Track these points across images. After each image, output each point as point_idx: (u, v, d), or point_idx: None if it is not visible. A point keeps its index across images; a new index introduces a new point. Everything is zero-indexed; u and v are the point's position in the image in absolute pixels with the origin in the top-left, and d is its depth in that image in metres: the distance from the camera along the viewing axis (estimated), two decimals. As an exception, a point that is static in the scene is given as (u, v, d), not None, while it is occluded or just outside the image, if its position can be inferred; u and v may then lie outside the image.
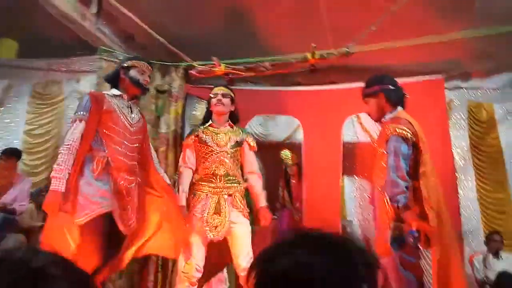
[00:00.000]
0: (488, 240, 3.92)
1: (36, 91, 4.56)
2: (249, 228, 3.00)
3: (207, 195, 2.94)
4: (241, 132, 3.18)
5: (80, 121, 2.54)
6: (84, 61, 4.43)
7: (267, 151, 5.56)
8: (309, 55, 3.76)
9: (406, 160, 2.35)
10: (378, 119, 2.65)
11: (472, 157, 4.44)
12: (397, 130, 2.38)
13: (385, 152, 2.40)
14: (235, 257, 2.90)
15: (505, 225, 4.24)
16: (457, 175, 4.16)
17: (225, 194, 2.94)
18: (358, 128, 4.65)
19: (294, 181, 4.93)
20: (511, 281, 3.56)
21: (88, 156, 2.56)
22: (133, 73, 2.73)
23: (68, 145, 2.47)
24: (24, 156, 4.32)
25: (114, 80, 2.78)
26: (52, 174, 2.43)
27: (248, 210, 3.05)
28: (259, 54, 3.98)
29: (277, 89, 4.59)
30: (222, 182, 2.95)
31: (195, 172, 3.06)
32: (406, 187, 2.32)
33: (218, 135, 3.06)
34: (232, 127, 3.16)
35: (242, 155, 3.15)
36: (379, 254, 2.36)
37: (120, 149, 2.62)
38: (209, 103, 3.18)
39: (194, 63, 4.06)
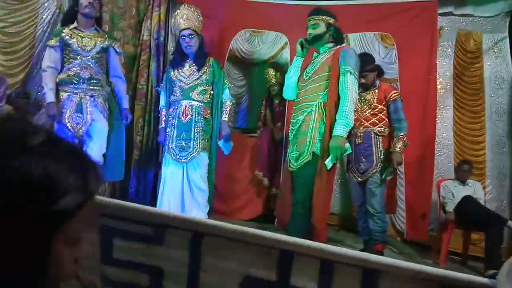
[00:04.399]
0: (458, 168, 4.07)
1: (7, -16, 4.22)
2: (107, 126, 3.33)
3: (69, 95, 3.16)
4: (107, 38, 3.32)
5: None
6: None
7: (252, 69, 5.47)
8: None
9: None
10: (372, 84, 3.56)
11: (453, 86, 4.46)
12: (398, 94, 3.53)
13: (383, 106, 3.48)
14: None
15: (476, 155, 4.40)
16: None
17: (87, 95, 3.19)
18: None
19: (277, 100, 4.91)
20: (472, 204, 3.79)
21: None
22: None
23: None
24: (-1, 56, 4.14)
25: None
26: None
27: (108, 112, 3.37)
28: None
29: (267, 2, 4.39)
30: (85, 85, 3.17)
31: (60, 73, 3.20)
32: None
33: (84, 38, 3.18)
34: (98, 31, 3.28)
35: (108, 60, 3.35)
36: None
37: None
38: (77, 3, 3.19)
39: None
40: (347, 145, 2.76)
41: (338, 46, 2.92)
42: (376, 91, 3.54)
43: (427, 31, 3.98)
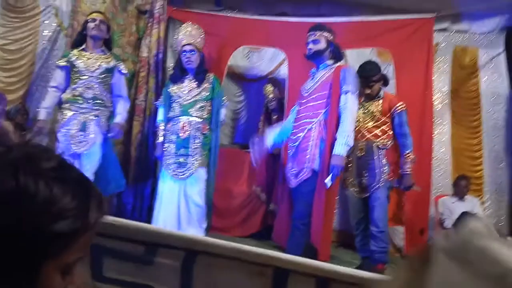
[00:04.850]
0: (456, 184, 4.06)
1: (8, 2, 4.26)
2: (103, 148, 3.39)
3: (74, 114, 3.24)
4: (113, 59, 3.41)
5: None
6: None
7: (250, 84, 5.50)
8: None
9: None
10: (376, 94, 3.34)
11: (450, 101, 4.48)
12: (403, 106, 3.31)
13: (387, 118, 3.27)
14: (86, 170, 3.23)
15: (473, 170, 4.39)
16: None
17: (92, 115, 3.27)
18: (344, 66, 4.60)
19: (275, 116, 4.92)
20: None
21: None
22: None
23: None
24: (-1, 73, 4.19)
25: None
26: None
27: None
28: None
29: (264, 19, 4.44)
30: (89, 105, 3.26)
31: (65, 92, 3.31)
32: None
33: (89, 59, 3.29)
34: (104, 53, 3.38)
35: (112, 80, 3.42)
36: None
37: None
38: (84, 26, 3.32)
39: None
40: None
41: (338, 64, 2.96)
42: (381, 102, 3.32)
43: (424, 47, 4.02)
